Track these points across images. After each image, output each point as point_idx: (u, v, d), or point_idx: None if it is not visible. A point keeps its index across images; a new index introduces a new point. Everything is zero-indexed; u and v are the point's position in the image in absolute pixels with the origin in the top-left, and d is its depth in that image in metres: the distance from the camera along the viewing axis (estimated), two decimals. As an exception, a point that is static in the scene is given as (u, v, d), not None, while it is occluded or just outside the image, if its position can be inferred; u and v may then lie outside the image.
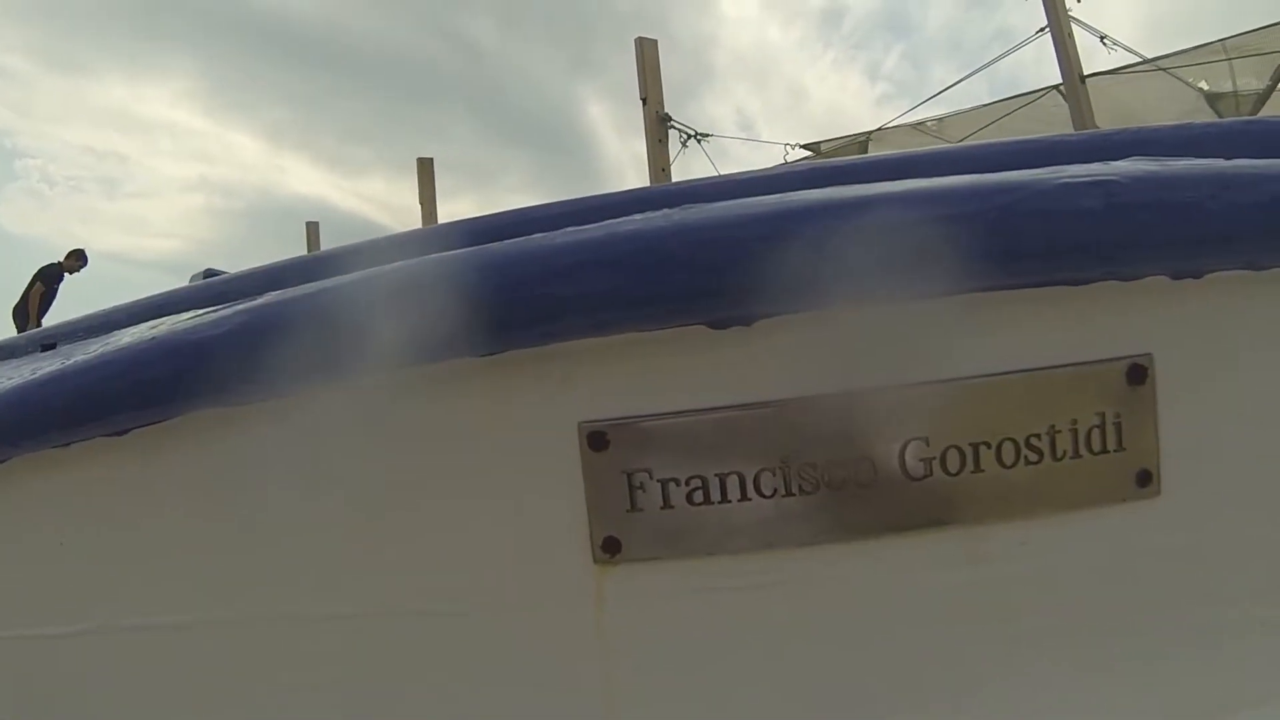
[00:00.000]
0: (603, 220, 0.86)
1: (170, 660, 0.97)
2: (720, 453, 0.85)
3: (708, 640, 0.89)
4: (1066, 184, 0.84)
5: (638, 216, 0.85)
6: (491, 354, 0.84)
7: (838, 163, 1.10)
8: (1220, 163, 0.89)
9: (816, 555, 0.87)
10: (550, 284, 0.81)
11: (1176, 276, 0.88)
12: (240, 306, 0.91)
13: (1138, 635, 0.91)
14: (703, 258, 0.81)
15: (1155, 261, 0.87)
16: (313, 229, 8.52)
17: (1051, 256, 0.84)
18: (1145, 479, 0.90)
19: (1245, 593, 0.92)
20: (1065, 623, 0.90)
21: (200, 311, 1.06)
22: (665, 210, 0.85)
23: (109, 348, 0.98)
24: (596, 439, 0.86)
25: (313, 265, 1.28)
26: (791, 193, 0.89)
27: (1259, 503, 0.91)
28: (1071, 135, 1.08)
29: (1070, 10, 5.43)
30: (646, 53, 5.48)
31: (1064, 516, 0.89)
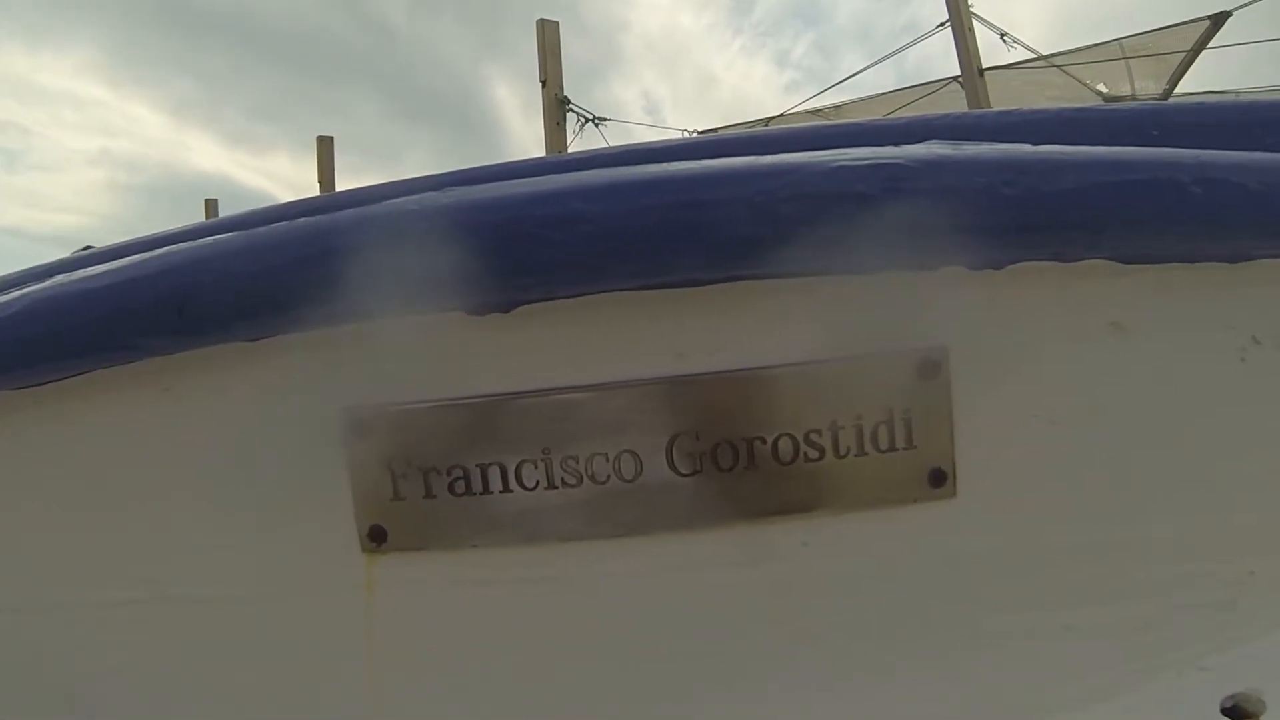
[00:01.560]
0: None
1: None
2: (480, 443, 0.83)
3: (474, 633, 0.87)
4: (843, 167, 0.79)
5: (411, 198, 0.83)
6: (255, 339, 0.83)
7: (643, 146, 1.06)
8: (1023, 148, 0.84)
9: (583, 551, 0.85)
10: (308, 268, 0.80)
11: (973, 267, 0.83)
12: (32, 288, 0.91)
13: (924, 641, 0.87)
14: (457, 241, 0.79)
15: (947, 251, 0.82)
16: (211, 205, 8.58)
17: (826, 244, 0.80)
18: (939, 479, 0.86)
19: (1039, 598, 0.87)
20: (848, 626, 0.87)
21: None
22: (431, 193, 0.83)
23: None
24: (359, 426, 0.84)
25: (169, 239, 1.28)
26: (567, 174, 0.86)
27: (1056, 505, 0.86)
28: (888, 120, 1.03)
29: (971, 5, 5.41)
30: (548, 34, 5.42)
31: (850, 516, 0.85)
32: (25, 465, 0.91)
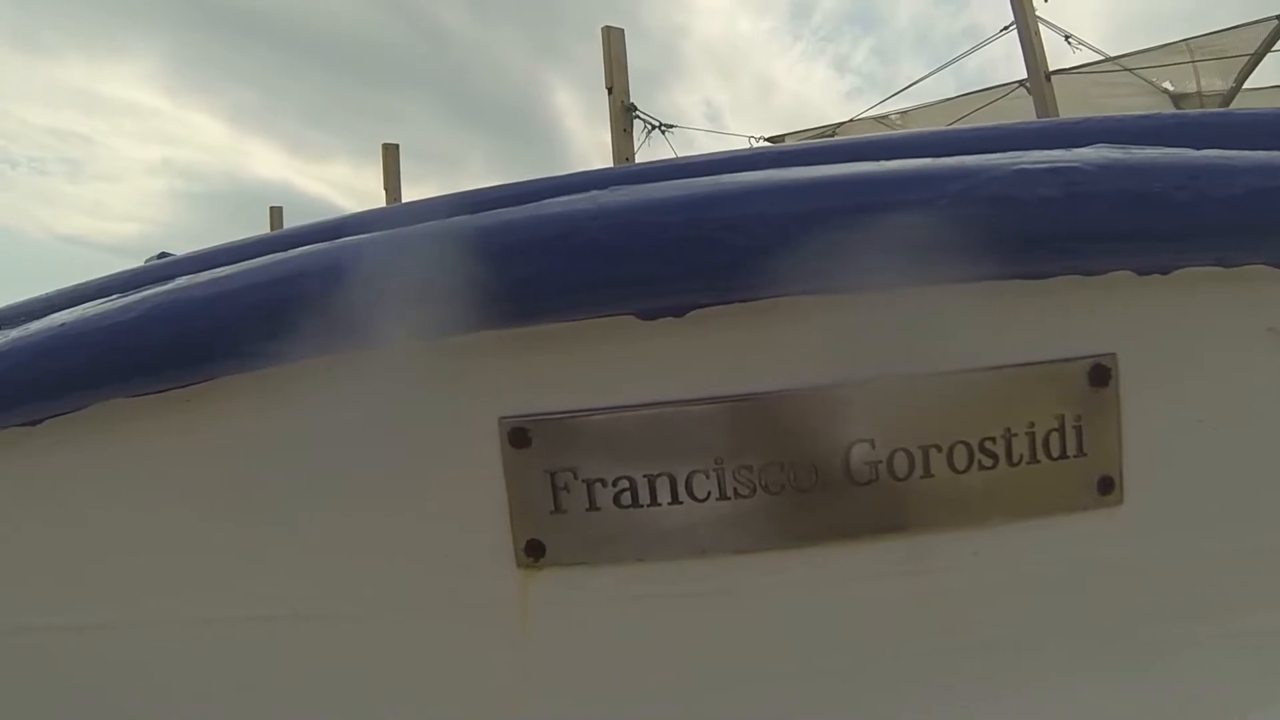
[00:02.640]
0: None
1: (76, 661, 0.93)
2: (650, 452, 0.80)
3: (637, 650, 0.84)
4: (1024, 170, 0.78)
5: (562, 199, 0.80)
6: (406, 346, 0.79)
7: (786, 148, 1.04)
8: (1189, 152, 0.83)
9: (753, 562, 0.82)
10: (466, 269, 0.76)
11: (1142, 272, 0.83)
12: (147, 293, 0.86)
13: (1088, 650, 0.85)
14: (630, 243, 0.76)
15: (1119, 255, 0.82)
16: (276, 213, 8.45)
17: (1007, 249, 0.79)
18: (1107, 486, 0.85)
19: (1206, 608, 0.86)
20: (1015, 636, 0.85)
21: (119, 296, 1.02)
22: (592, 193, 0.80)
23: (23, 334, 0.94)
24: (518, 435, 0.80)
25: (256, 248, 1.23)
26: (733, 175, 0.84)
27: (1224, 513, 0.85)
28: (1032, 122, 1.03)
29: (1036, 9, 5.45)
30: (613, 41, 5.43)
31: (1019, 525, 0.84)
32: (146, 473, 0.85)
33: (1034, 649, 0.86)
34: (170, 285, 0.87)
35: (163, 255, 1.55)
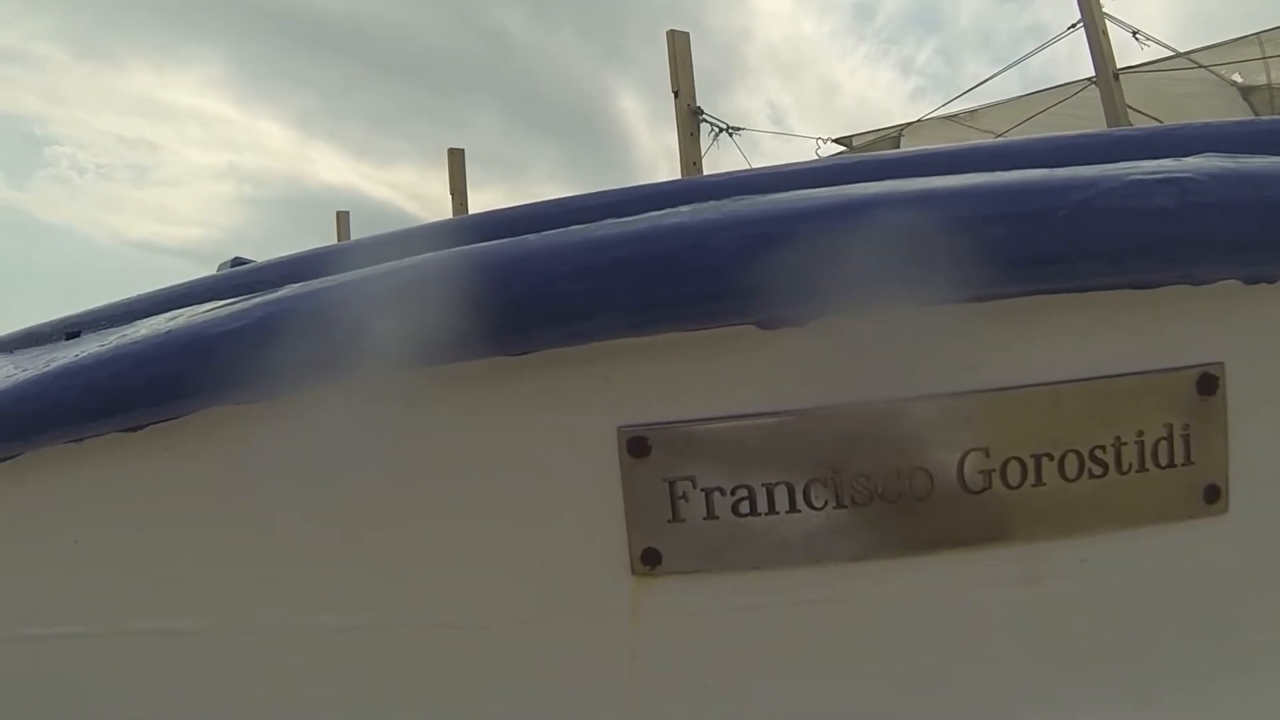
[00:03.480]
0: (640, 213, 0.82)
1: (181, 667, 0.93)
2: (769, 461, 0.81)
3: (750, 659, 0.84)
4: (1139, 181, 0.79)
5: (684, 209, 0.81)
6: (524, 353, 0.79)
7: (883, 156, 1.05)
8: None
9: (867, 571, 0.83)
10: (588, 278, 0.77)
11: (1250, 281, 0.83)
12: (259, 299, 0.87)
13: (1191, 659, 0.86)
14: (753, 253, 0.76)
15: (1229, 264, 0.82)
16: (343, 218, 8.41)
17: (1121, 258, 0.79)
18: (1213, 494, 0.85)
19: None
20: (1120, 645, 0.86)
21: (221, 303, 1.02)
22: (711, 203, 0.81)
23: (124, 340, 0.94)
24: (637, 444, 0.81)
25: (338, 255, 1.23)
26: (842, 186, 0.84)
27: None
28: (1131, 130, 1.03)
29: (1104, 6, 5.38)
30: (678, 45, 5.42)
31: (1126, 533, 0.85)
32: (341, 468, 0.85)
33: (1137, 658, 0.86)
34: (279, 294, 0.88)
35: (237, 261, 1.56)
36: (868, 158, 1.05)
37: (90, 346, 0.95)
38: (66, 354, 0.98)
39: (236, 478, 0.89)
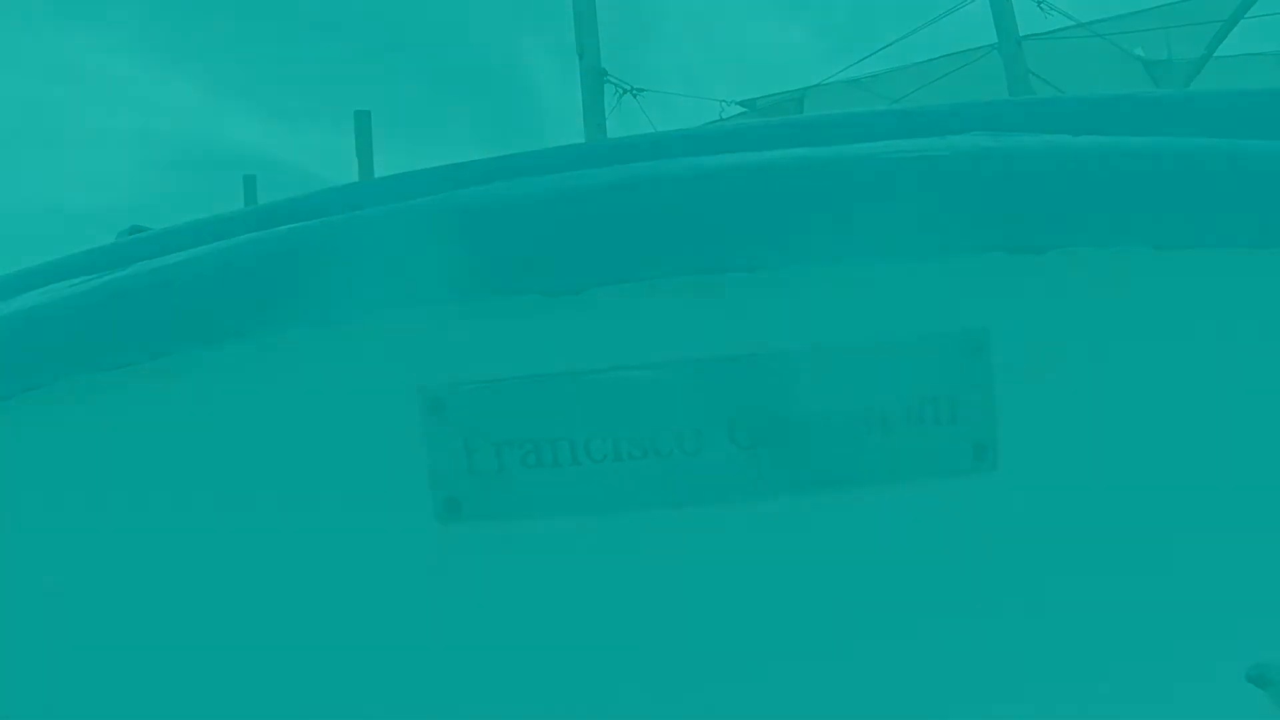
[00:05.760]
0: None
1: None
2: (553, 418, 0.88)
3: (544, 601, 0.91)
4: (898, 159, 0.85)
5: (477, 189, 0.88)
6: (331, 323, 0.87)
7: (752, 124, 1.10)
8: (1066, 139, 0.89)
9: (649, 521, 0.89)
10: (387, 253, 0.85)
11: (1014, 251, 0.88)
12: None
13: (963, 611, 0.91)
14: (531, 228, 0.84)
15: (993, 236, 0.88)
16: (249, 182, 8.25)
17: (885, 232, 0.85)
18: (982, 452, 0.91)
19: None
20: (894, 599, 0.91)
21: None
22: (508, 181, 0.88)
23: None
24: (435, 403, 0.89)
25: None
26: (646, 161, 0.91)
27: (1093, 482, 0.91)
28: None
29: None
30: (583, 3, 5.31)
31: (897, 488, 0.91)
32: (166, 443, 0.92)
33: (918, 606, 0.92)
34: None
35: (134, 229, 1.61)
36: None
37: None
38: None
39: (94, 453, 0.94)
